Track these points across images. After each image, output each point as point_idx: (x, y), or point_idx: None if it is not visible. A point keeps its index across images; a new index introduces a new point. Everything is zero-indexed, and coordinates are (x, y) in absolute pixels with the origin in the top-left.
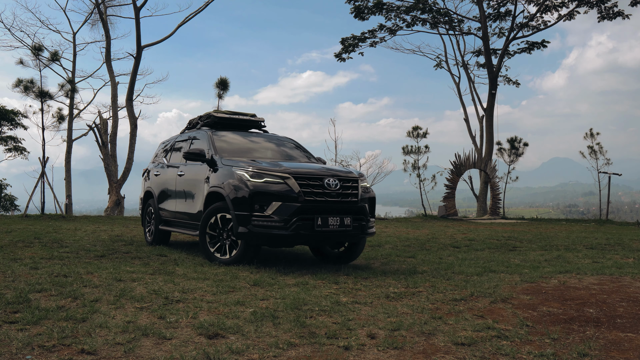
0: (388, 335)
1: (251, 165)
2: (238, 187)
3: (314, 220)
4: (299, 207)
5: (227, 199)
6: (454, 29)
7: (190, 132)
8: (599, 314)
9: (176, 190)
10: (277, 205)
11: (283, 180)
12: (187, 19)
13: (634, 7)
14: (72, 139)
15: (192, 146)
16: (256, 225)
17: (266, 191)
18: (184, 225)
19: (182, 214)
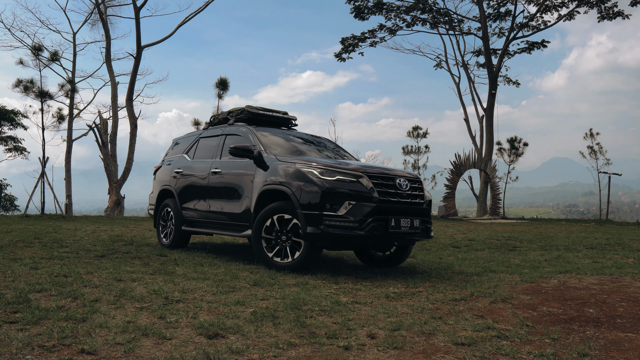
0: (388, 335)
1: (318, 162)
2: (307, 185)
3: (387, 222)
4: (375, 207)
5: (293, 197)
6: (454, 29)
7: (222, 128)
8: (599, 314)
9: (209, 188)
10: (351, 205)
11: (356, 178)
12: (187, 19)
13: (634, 7)
14: (72, 139)
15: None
16: (329, 225)
17: (339, 190)
18: (221, 226)
19: (219, 214)
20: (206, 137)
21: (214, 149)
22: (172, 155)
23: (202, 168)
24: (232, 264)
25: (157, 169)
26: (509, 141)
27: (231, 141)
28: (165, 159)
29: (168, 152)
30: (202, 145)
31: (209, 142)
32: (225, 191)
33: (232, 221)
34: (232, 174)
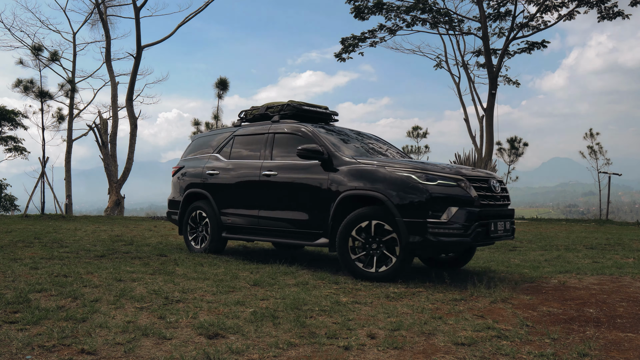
0: (388, 335)
1: (411, 165)
2: (407, 191)
3: (489, 226)
4: (478, 212)
5: (390, 203)
6: (454, 29)
7: (266, 125)
8: (599, 314)
9: (261, 192)
10: (455, 211)
11: (456, 182)
12: (187, 19)
13: (634, 7)
14: (72, 139)
15: (279, 141)
16: (434, 233)
17: (442, 195)
18: (279, 233)
19: (276, 220)
20: (244, 135)
21: (260, 148)
22: (196, 154)
23: (248, 170)
24: (232, 264)
25: (178, 170)
26: (509, 141)
27: (285, 140)
28: (187, 158)
29: (188, 151)
30: (240, 144)
31: (251, 141)
32: (285, 196)
33: (298, 228)
34: (293, 177)
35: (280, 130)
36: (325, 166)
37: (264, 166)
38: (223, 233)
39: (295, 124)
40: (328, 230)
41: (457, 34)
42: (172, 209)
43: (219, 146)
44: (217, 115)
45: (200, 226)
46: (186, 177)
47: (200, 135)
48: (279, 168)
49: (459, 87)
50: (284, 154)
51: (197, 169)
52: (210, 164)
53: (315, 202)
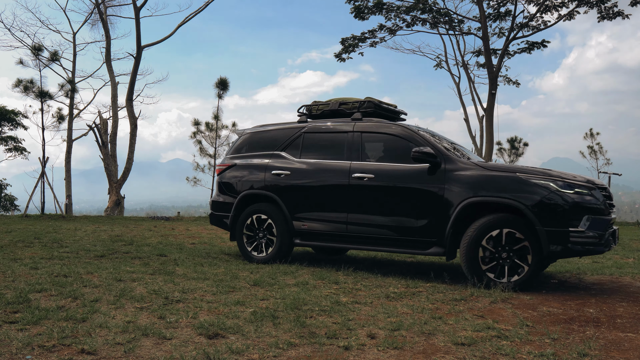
0: (388, 335)
1: (544, 173)
2: (548, 199)
3: (614, 234)
4: (610, 220)
5: (528, 212)
6: (454, 29)
7: (348, 123)
8: (599, 314)
9: (352, 196)
10: (591, 220)
11: (589, 190)
12: (187, 19)
13: (634, 7)
14: (72, 139)
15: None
16: (575, 242)
17: (580, 204)
18: (376, 241)
19: (374, 227)
20: (318, 133)
21: (342, 147)
22: (250, 152)
23: (332, 171)
24: (232, 264)
25: (227, 168)
26: (509, 141)
27: (377, 140)
28: (239, 156)
29: (236, 148)
30: (312, 141)
31: (327, 139)
32: (387, 201)
33: (403, 236)
34: (398, 181)
35: (370, 129)
36: (437, 170)
37: (355, 168)
38: (296, 239)
39: (392, 123)
40: (444, 238)
41: (457, 34)
42: (220, 212)
43: (284, 143)
44: (217, 115)
45: (260, 232)
46: (242, 177)
47: (251, 131)
48: (376, 171)
49: (459, 87)
50: (376, 154)
51: (258, 168)
52: (276, 163)
53: (428, 208)
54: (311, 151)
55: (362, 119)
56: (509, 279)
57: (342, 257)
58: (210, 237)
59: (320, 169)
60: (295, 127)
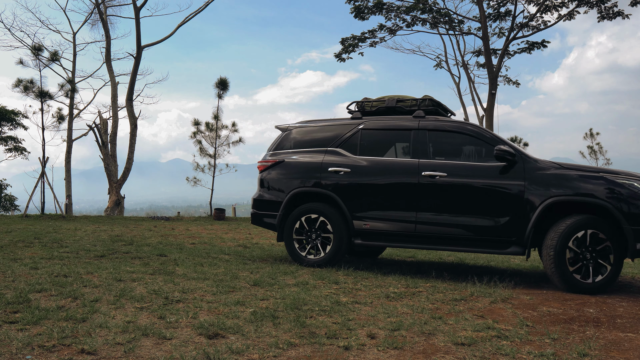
0: (388, 335)
1: (623, 172)
2: (634, 199)
3: None
4: None
5: (616, 212)
6: (454, 29)
7: (410, 119)
8: (599, 314)
9: (422, 195)
10: None
11: None
12: (187, 19)
13: (634, 7)
14: (72, 139)
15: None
16: None
17: None
18: (448, 241)
19: (449, 226)
20: (377, 130)
21: (408, 145)
22: (299, 148)
23: (399, 169)
24: (232, 264)
25: (273, 164)
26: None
27: (445, 138)
28: (287, 152)
29: (280, 144)
30: (371, 138)
31: (387, 136)
32: (462, 200)
33: (480, 236)
34: (474, 180)
35: (438, 126)
36: (516, 169)
37: (425, 165)
38: (356, 240)
39: (461, 121)
40: (524, 237)
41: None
42: (264, 211)
43: (339, 140)
44: (217, 115)
45: (313, 232)
46: (292, 174)
47: (296, 126)
48: (450, 169)
49: (459, 87)
50: (444, 152)
51: (311, 165)
52: (332, 160)
53: (508, 207)
54: (371, 148)
55: (425, 117)
56: (593, 280)
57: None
58: (210, 237)
59: (385, 167)
60: (349, 123)
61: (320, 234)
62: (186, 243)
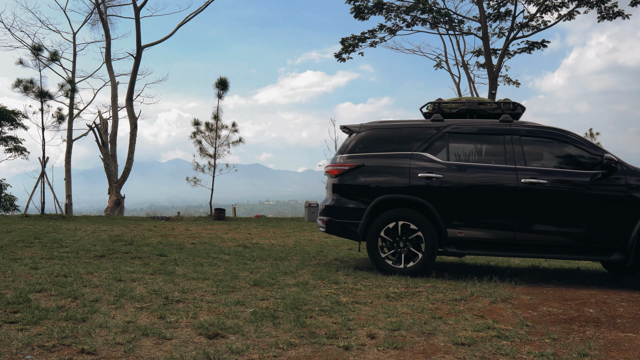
0: (388, 335)
1: None
2: None
3: None
4: None
5: None
6: (454, 29)
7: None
8: (599, 314)
9: (523, 202)
10: None
11: None
12: (187, 19)
13: (634, 7)
14: (72, 139)
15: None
16: None
17: None
18: (551, 248)
19: (549, 234)
20: (464, 133)
21: (502, 151)
22: (372, 150)
23: (495, 175)
24: (232, 264)
25: (351, 169)
26: None
27: (539, 143)
28: (366, 155)
29: (356, 146)
30: (458, 142)
31: (480, 141)
32: (564, 207)
33: (584, 243)
34: (576, 187)
35: (530, 132)
36: (616, 176)
37: (522, 172)
38: (449, 248)
39: (555, 127)
40: (628, 244)
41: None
42: (343, 219)
43: (424, 143)
44: (217, 115)
45: (401, 241)
46: (375, 180)
47: (370, 127)
48: (548, 175)
49: (459, 87)
50: (539, 158)
51: (397, 170)
52: (422, 165)
53: (610, 214)
54: (459, 153)
55: (513, 121)
56: None
57: (342, 257)
58: (210, 237)
59: (480, 173)
60: (430, 125)
61: (408, 243)
62: (186, 243)
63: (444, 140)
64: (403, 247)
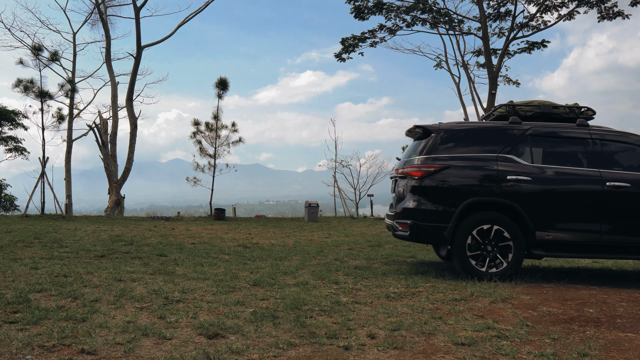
0: (388, 335)
1: None
2: None
3: None
4: None
5: None
6: (454, 29)
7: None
8: (599, 314)
9: (609, 205)
10: None
11: None
12: (187, 19)
13: (634, 7)
14: (72, 139)
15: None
16: None
17: None
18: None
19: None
20: (546, 137)
21: (584, 154)
22: (453, 152)
23: (581, 179)
24: (232, 264)
25: (436, 170)
26: None
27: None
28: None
29: (431, 147)
30: (540, 145)
31: (561, 144)
32: None
33: None
34: None
35: (611, 137)
36: None
37: (607, 176)
38: (536, 250)
39: (630, 133)
40: None
41: (457, 34)
42: (432, 222)
43: (507, 145)
44: (217, 115)
45: (489, 244)
46: (462, 182)
47: (449, 128)
48: (630, 178)
49: (459, 87)
50: (619, 163)
51: (484, 172)
52: (509, 168)
53: None
54: (541, 155)
55: (589, 125)
56: None
57: (343, 257)
58: (210, 237)
59: (567, 176)
60: (512, 127)
61: (496, 246)
62: (186, 243)
63: (526, 142)
64: (490, 251)
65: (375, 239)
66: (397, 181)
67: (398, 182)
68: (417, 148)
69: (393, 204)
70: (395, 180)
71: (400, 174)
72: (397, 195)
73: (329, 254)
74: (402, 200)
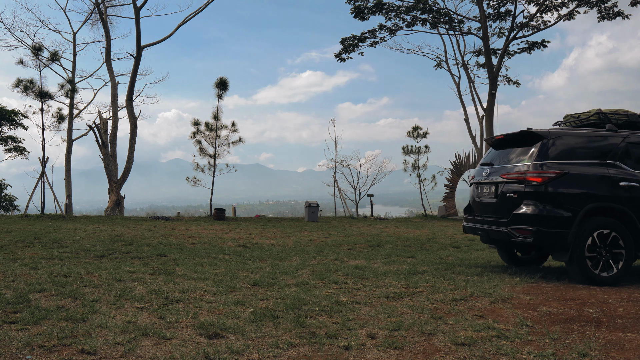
0: (388, 335)
1: None
2: None
3: None
4: None
5: None
6: (454, 29)
7: None
8: (599, 314)
9: None
10: None
11: None
12: (187, 19)
13: (634, 7)
14: (72, 139)
15: None
16: None
17: None
18: None
19: None
20: None
21: None
22: (565, 158)
23: None
24: (232, 264)
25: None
26: None
27: None
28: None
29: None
30: (636, 151)
31: None
32: None
33: None
34: None
35: None
36: None
37: None
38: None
39: None
40: None
41: (457, 34)
42: (556, 228)
43: (613, 152)
44: (217, 115)
45: (604, 249)
46: (582, 188)
47: (558, 134)
48: None
49: (459, 87)
50: None
51: (599, 177)
52: (620, 174)
53: None
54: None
55: None
56: None
57: (342, 258)
58: (210, 237)
59: None
60: (613, 135)
61: (610, 252)
62: (186, 243)
63: (627, 149)
64: (604, 255)
65: (375, 239)
66: (497, 186)
67: (498, 187)
68: (525, 153)
69: (478, 209)
70: (480, 186)
71: (511, 179)
72: (498, 201)
73: (328, 254)
74: (514, 206)
